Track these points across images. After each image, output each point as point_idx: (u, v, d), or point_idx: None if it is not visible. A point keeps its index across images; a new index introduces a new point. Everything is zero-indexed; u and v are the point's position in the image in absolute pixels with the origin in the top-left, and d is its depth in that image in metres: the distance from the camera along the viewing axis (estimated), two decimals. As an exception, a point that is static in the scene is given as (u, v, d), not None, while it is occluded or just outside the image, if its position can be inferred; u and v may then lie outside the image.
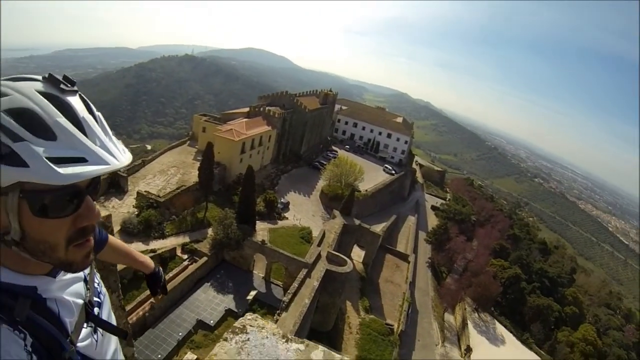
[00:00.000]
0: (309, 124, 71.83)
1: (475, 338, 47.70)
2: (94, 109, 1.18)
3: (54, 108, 1.03)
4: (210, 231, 39.37)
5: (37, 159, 0.95)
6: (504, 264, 64.90)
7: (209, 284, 35.26)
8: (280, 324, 27.63)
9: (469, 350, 44.36)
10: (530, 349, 52.09)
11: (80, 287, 1.39)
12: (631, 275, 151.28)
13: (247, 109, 66.68)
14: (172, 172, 49.72)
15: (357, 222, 46.05)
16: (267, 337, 1.64)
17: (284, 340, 1.66)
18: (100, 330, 1.43)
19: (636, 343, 70.50)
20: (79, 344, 1.28)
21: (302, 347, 1.59)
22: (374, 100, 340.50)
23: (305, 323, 29.38)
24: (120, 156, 1.07)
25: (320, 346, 1.66)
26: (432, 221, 71.47)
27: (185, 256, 36.37)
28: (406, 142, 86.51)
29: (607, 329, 71.48)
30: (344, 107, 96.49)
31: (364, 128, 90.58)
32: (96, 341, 1.39)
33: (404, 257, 52.74)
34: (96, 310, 1.48)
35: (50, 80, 1.11)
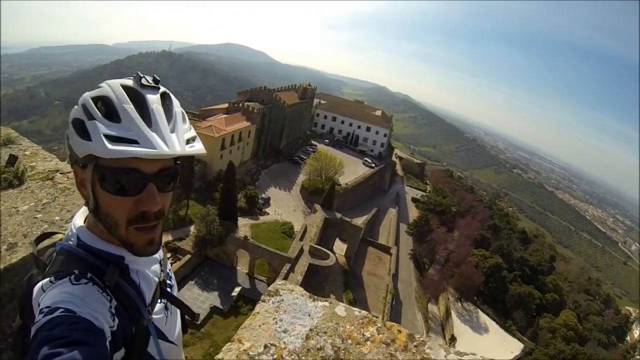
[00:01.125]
0: (288, 118, 71.63)
1: (459, 327, 48.05)
2: (174, 105, 1.26)
3: (126, 97, 1.14)
4: (192, 228, 39.03)
5: (96, 135, 1.07)
6: (485, 253, 65.41)
7: (193, 281, 35.05)
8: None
9: (453, 339, 44.67)
10: (514, 336, 52.70)
11: (157, 267, 1.46)
12: (609, 261, 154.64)
13: (226, 105, 66.19)
14: (151, 169, 49.16)
15: (338, 215, 46.01)
16: (297, 298, 1.98)
17: (311, 299, 1.99)
18: (170, 309, 1.51)
19: (616, 327, 72.27)
20: (154, 316, 1.37)
21: (326, 304, 1.95)
22: (353, 94, 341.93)
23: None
24: (174, 146, 1.14)
25: (341, 304, 2.02)
26: (413, 213, 71.60)
27: (169, 255, 35.73)
28: (385, 135, 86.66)
29: (587, 314, 73.12)
30: (322, 102, 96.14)
31: (343, 122, 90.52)
32: (166, 317, 1.47)
33: (386, 249, 52.83)
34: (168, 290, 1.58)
35: (135, 78, 1.22)
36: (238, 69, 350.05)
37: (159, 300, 1.44)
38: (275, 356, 1.59)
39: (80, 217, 1.37)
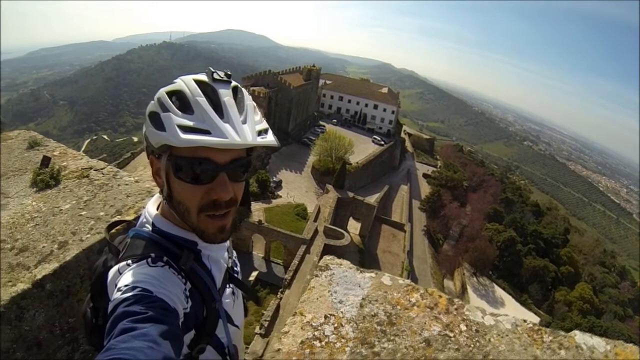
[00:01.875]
0: (295, 101, 71.38)
1: (475, 302, 47.94)
2: (246, 98, 1.30)
3: (199, 91, 1.19)
4: (207, 217, 39.10)
5: (170, 125, 1.13)
6: (498, 227, 65.35)
7: (210, 269, 35.19)
8: (284, 301, 28.00)
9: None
10: (530, 309, 52.85)
11: (225, 254, 1.52)
12: (623, 233, 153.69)
13: (231, 92, 66.27)
14: (162, 162, 49.35)
15: (350, 194, 46.08)
16: (346, 270, 2.08)
17: (359, 271, 2.08)
18: (236, 294, 1.59)
19: (632, 299, 71.88)
20: (223, 300, 1.44)
21: (373, 274, 2.06)
22: (357, 73, 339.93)
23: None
24: (246, 136, 1.17)
25: (385, 274, 2.09)
26: (425, 189, 71.51)
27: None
28: (393, 112, 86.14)
29: (603, 287, 72.88)
30: (328, 82, 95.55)
31: (349, 101, 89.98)
32: (233, 302, 1.54)
33: (399, 226, 52.83)
34: None
35: (208, 73, 1.25)
36: (240, 55, 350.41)
37: (227, 285, 1.50)
38: (335, 325, 1.71)
39: (152, 205, 1.44)
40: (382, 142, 75.86)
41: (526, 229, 71.73)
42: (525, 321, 1.85)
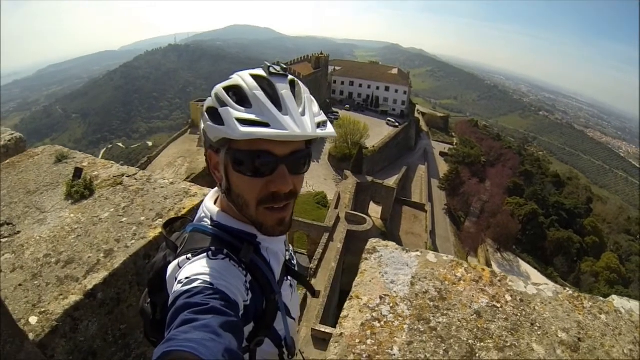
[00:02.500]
0: (306, 89, 71.41)
1: (500, 278, 47.94)
2: (303, 91, 1.29)
3: (256, 85, 1.19)
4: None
5: (229, 119, 1.13)
6: (519, 201, 64.90)
7: (235, 263, 35.59)
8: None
9: (496, 290, 44.65)
10: (556, 282, 52.33)
11: (282, 247, 1.52)
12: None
13: (241, 87, 66.51)
14: (179, 162, 49.82)
15: (369, 179, 46.05)
16: (393, 252, 2.14)
17: (404, 251, 2.16)
18: (293, 286, 1.60)
19: (660, 267, 70.85)
20: (282, 292, 1.44)
21: (418, 253, 2.14)
22: (366, 56, 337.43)
23: (335, 285, 29.68)
24: (305, 128, 1.17)
25: (430, 252, 2.17)
26: (443, 167, 71.11)
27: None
28: (405, 93, 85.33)
29: (630, 255, 71.79)
30: (337, 68, 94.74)
31: (360, 85, 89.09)
32: (291, 294, 1.55)
33: (420, 207, 52.72)
34: None
35: (264, 67, 1.26)
36: (247, 49, 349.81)
37: (285, 278, 1.52)
38: (391, 305, 1.77)
39: (210, 200, 1.46)
40: (397, 124, 75.26)
41: (548, 201, 70.92)
42: (565, 289, 1.99)
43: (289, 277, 1.56)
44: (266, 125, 1.13)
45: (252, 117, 1.14)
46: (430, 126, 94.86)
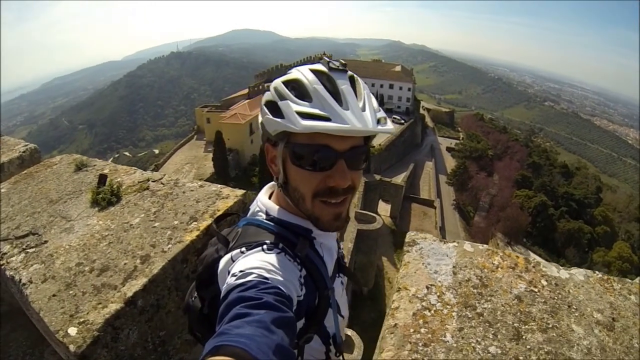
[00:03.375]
0: (310, 90, 71.57)
1: (512, 270, 47.79)
2: (362, 87, 1.31)
3: (316, 79, 1.20)
4: (236, 218, 39.58)
5: (289, 112, 1.15)
6: (528, 193, 64.38)
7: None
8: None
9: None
10: (569, 272, 51.97)
11: (335, 243, 1.55)
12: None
13: (246, 91, 66.63)
14: (186, 169, 49.92)
15: (377, 177, 45.98)
16: (432, 243, 2.21)
17: (442, 242, 2.24)
18: (344, 284, 1.62)
19: (672, 255, 70.28)
20: (334, 287, 1.46)
21: (455, 244, 2.21)
22: (368, 54, 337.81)
23: (348, 285, 29.35)
24: (366, 123, 1.17)
25: (466, 242, 2.25)
26: (450, 163, 70.88)
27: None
28: (409, 90, 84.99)
29: (642, 244, 71.14)
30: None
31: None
32: (342, 291, 1.57)
33: (429, 203, 52.64)
34: None
35: (323, 62, 1.27)
36: (249, 53, 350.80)
37: (337, 275, 1.53)
38: (438, 294, 1.83)
39: (264, 195, 1.49)
40: (402, 121, 74.68)
41: (557, 192, 70.31)
42: (594, 272, 2.08)
43: (341, 274, 1.58)
44: (327, 119, 1.13)
45: (313, 110, 1.14)
46: (436, 122, 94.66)
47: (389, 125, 1.28)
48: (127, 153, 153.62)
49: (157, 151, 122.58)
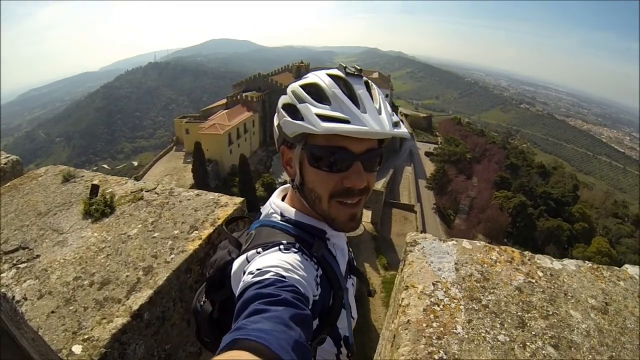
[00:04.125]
0: (288, 100, 71.81)
1: (495, 271, 48.18)
2: (378, 92, 1.30)
3: (334, 83, 1.23)
4: (216, 228, 39.37)
5: (309, 115, 1.17)
6: (507, 194, 65.15)
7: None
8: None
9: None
10: (550, 270, 52.54)
11: (346, 245, 1.57)
12: (632, 181, 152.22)
13: (224, 101, 66.95)
14: (166, 180, 49.62)
15: (356, 184, 46.05)
16: (432, 242, 2.26)
17: (441, 241, 2.29)
18: (354, 286, 1.63)
19: (649, 245, 71.76)
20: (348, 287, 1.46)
21: (454, 242, 2.27)
22: (345, 62, 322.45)
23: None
24: (384, 126, 1.19)
25: (464, 240, 2.32)
26: (429, 167, 71.38)
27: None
28: (387, 96, 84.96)
29: (619, 238, 72.30)
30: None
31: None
32: (353, 293, 1.55)
33: (409, 208, 53.01)
34: None
35: (339, 67, 1.29)
36: (227, 63, 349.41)
37: (349, 276, 1.55)
38: (444, 289, 1.88)
39: (277, 197, 1.51)
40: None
41: (535, 192, 71.30)
42: (585, 262, 2.20)
43: (352, 276, 1.60)
44: (346, 121, 1.15)
45: (332, 113, 1.16)
46: (414, 127, 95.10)
47: (404, 129, 1.28)
48: (105, 166, 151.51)
49: (136, 163, 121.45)
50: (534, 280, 1.99)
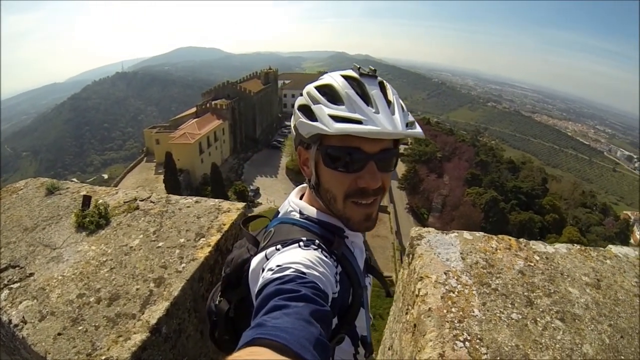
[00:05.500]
0: (258, 106, 72.11)
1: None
2: (391, 93, 1.30)
3: (347, 84, 1.22)
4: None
5: (322, 115, 1.18)
6: (479, 190, 66.15)
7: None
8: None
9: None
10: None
11: (362, 244, 1.53)
12: (598, 172, 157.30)
13: (194, 110, 66.72)
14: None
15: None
16: (436, 235, 2.35)
17: (445, 234, 2.38)
18: (370, 285, 1.61)
19: (618, 232, 73.82)
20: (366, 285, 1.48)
21: (456, 234, 2.37)
22: (314, 67, 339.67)
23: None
24: (397, 126, 1.18)
25: (464, 231, 2.43)
26: (400, 168, 71.46)
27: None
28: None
29: (589, 226, 74.30)
30: (286, 81, 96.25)
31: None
32: (370, 291, 1.59)
33: (382, 209, 52.95)
34: None
35: (354, 68, 1.29)
36: (195, 71, 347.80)
37: (366, 274, 1.55)
38: (455, 277, 1.96)
39: (295, 196, 1.51)
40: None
41: (506, 187, 72.84)
42: (574, 245, 2.39)
43: (369, 275, 1.59)
44: (359, 122, 1.15)
45: (345, 114, 1.16)
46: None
47: (418, 129, 1.28)
48: (75, 179, 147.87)
49: (106, 176, 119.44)
50: (532, 264, 2.12)
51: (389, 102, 1.24)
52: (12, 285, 2.12)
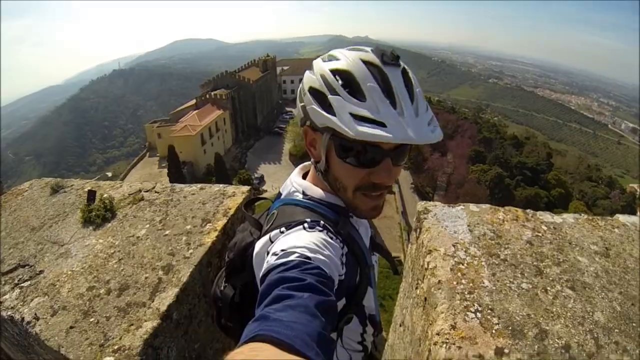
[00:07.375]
0: (257, 94, 71.77)
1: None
2: (415, 85, 1.19)
3: (370, 75, 1.11)
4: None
5: (343, 113, 1.08)
6: (483, 167, 65.87)
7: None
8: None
9: (475, 257, 45.56)
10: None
11: (366, 222, 1.51)
12: (603, 145, 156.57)
13: (193, 101, 66.64)
14: (143, 187, 49.18)
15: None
16: (442, 208, 2.34)
17: (451, 207, 2.37)
18: (377, 263, 1.61)
19: (625, 205, 73.17)
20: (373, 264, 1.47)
21: (462, 207, 2.35)
22: (312, 52, 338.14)
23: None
24: (420, 133, 1.08)
25: (470, 204, 2.40)
26: (404, 148, 71.75)
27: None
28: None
29: (595, 200, 73.64)
30: (285, 68, 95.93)
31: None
32: (377, 269, 1.56)
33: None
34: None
35: (375, 52, 1.19)
36: (192, 63, 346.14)
37: (372, 253, 1.52)
38: (464, 249, 1.96)
39: (297, 175, 1.46)
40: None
41: (510, 163, 72.35)
42: (581, 214, 2.37)
43: (375, 253, 1.57)
44: (382, 125, 1.06)
45: (368, 114, 1.07)
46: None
47: (438, 130, 1.16)
48: (79, 180, 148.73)
49: (110, 174, 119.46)
50: (540, 234, 2.11)
51: (413, 100, 1.14)
52: (22, 284, 2.14)
